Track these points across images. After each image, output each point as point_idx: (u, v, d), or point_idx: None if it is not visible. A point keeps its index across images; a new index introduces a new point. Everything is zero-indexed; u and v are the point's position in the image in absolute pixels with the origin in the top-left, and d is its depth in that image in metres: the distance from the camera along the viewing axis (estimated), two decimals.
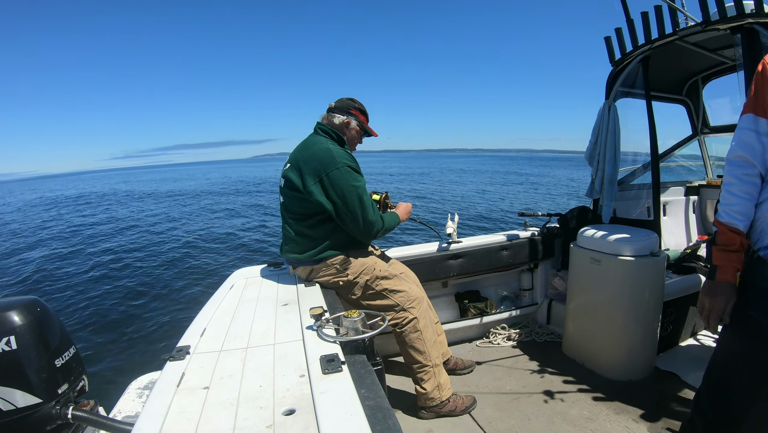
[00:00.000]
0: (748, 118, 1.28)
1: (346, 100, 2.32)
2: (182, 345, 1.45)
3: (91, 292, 8.38)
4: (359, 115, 2.32)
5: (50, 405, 1.58)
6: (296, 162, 2.13)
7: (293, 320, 1.64)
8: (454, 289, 3.34)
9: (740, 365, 1.36)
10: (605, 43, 2.97)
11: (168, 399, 1.11)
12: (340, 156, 2.07)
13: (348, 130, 2.30)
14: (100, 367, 5.30)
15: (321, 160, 2.05)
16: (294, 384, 1.14)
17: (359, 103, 2.34)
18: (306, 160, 2.09)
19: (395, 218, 2.35)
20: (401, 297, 2.20)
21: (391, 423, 0.97)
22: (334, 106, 2.30)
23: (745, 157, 1.29)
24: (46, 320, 1.64)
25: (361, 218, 2.07)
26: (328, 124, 2.27)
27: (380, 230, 2.18)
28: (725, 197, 1.33)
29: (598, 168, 3.00)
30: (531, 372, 2.74)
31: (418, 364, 2.22)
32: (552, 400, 2.41)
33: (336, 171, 2.02)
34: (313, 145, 2.15)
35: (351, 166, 2.09)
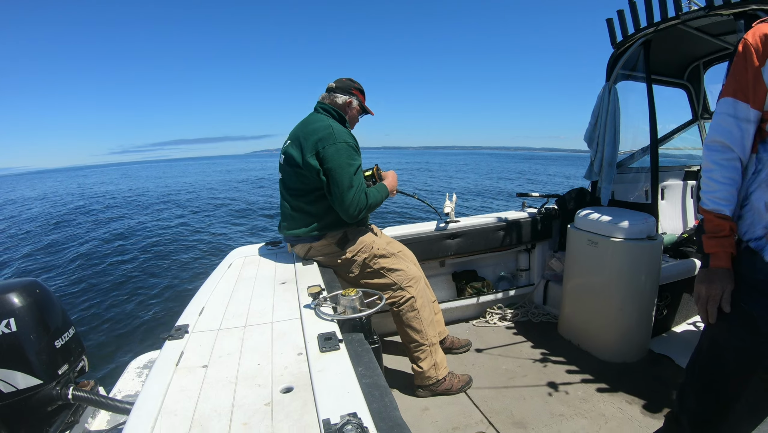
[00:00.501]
0: (726, 102, 1.25)
1: (346, 80, 2.33)
2: (181, 324, 1.46)
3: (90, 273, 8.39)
4: (359, 95, 2.35)
5: (51, 386, 1.59)
6: (296, 138, 2.14)
7: (291, 299, 1.65)
8: (451, 268, 3.36)
9: (729, 359, 1.33)
10: (607, 25, 2.94)
11: (167, 378, 1.12)
12: (340, 133, 2.08)
13: (350, 110, 2.32)
14: (100, 347, 5.33)
15: (320, 135, 2.06)
16: (292, 362, 1.15)
17: (358, 84, 2.36)
18: (306, 136, 2.10)
19: (383, 191, 2.30)
20: (399, 276, 2.21)
21: (388, 401, 0.98)
22: (335, 86, 2.31)
23: (724, 142, 1.26)
24: (46, 301, 1.64)
25: (346, 196, 2.03)
26: (330, 104, 2.28)
27: (364, 209, 2.12)
28: (707, 184, 1.30)
29: (597, 150, 2.99)
30: (527, 352, 2.76)
31: (415, 343, 2.24)
32: (547, 380, 2.44)
33: (333, 146, 2.03)
34: (314, 122, 2.16)
35: (349, 144, 2.09)
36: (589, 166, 3.12)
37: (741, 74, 1.21)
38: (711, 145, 1.30)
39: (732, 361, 1.32)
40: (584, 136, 3.10)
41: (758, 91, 1.19)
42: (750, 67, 1.19)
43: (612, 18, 2.89)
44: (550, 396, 2.29)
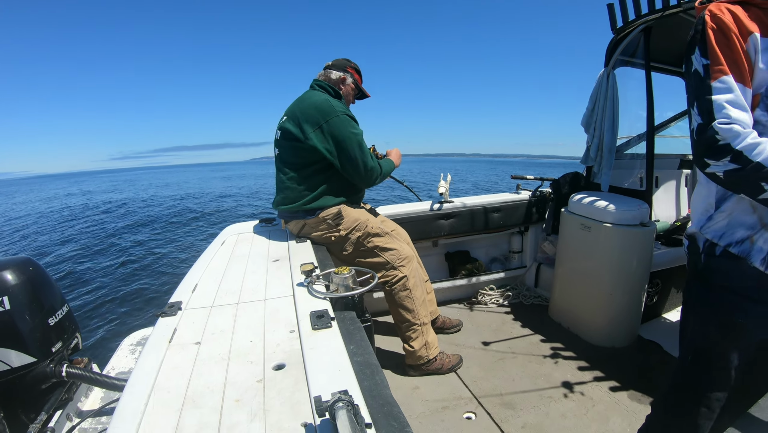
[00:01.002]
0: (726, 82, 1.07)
1: (342, 59, 2.37)
2: (174, 301, 1.46)
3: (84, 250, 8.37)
4: (354, 74, 2.37)
5: (45, 364, 1.60)
6: (293, 114, 2.14)
7: (284, 276, 1.65)
8: (444, 248, 3.37)
9: (722, 375, 1.24)
10: (608, 10, 2.90)
11: (160, 355, 1.12)
12: (338, 105, 2.11)
13: (344, 86, 2.33)
14: (94, 324, 5.35)
15: (320, 109, 2.08)
16: (284, 339, 1.16)
17: (354, 63, 2.39)
18: (303, 110, 2.11)
19: (391, 163, 2.40)
20: (392, 255, 2.22)
21: (379, 379, 0.99)
22: (331, 64, 2.35)
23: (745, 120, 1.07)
24: (39, 279, 1.64)
25: (362, 163, 2.11)
26: (324, 80, 2.30)
27: (379, 175, 2.23)
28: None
29: (594, 135, 2.98)
30: (517, 334, 2.79)
31: (407, 322, 2.26)
32: (536, 362, 2.47)
33: (336, 118, 2.06)
34: (311, 97, 2.17)
35: (349, 115, 2.13)
36: (585, 152, 3.11)
37: (726, 52, 1.09)
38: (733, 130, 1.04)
39: (727, 376, 1.24)
40: (581, 121, 3.09)
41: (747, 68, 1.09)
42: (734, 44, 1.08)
43: (613, 3, 2.86)
44: (539, 378, 2.32)
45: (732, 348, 1.21)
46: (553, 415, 2.04)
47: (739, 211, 1.16)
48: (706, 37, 1.11)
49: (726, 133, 1.04)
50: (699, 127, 1.10)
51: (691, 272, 1.30)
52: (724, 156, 1.05)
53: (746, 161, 1.02)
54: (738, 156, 1.03)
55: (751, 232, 1.14)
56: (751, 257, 1.14)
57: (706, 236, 1.22)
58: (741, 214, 1.16)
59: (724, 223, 1.19)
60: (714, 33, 1.10)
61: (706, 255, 1.23)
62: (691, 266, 1.31)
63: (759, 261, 1.13)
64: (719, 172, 1.08)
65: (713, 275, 1.21)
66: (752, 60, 1.09)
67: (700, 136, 1.09)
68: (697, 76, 1.12)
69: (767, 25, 1.09)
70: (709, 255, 1.22)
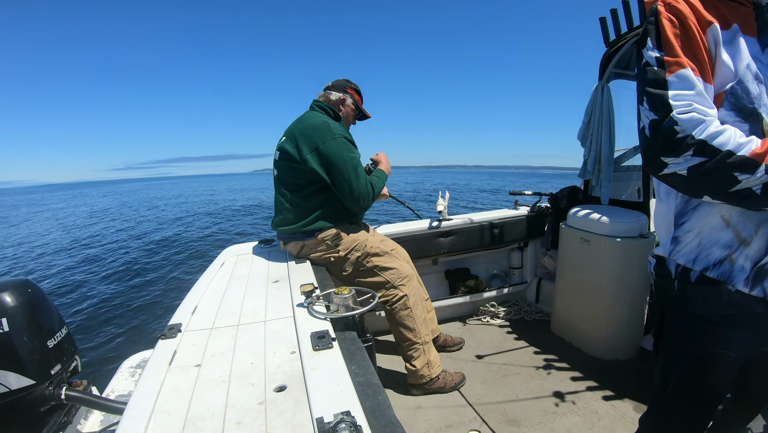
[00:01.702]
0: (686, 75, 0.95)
1: (342, 80, 2.38)
2: (174, 323, 1.45)
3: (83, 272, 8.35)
4: (354, 95, 2.38)
5: (44, 386, 1.58)
6: (291, 134, 2.15)
7: (284, 297, 1.65)
8: (444, 266, 3.37)
9: (704, 405, 1.15)
10: (600, 24, 2.95)
11: (160, 377, 1.11)
12: (336, 128, 2.11)
13: (344, 107, 2.34)
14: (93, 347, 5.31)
15: (317, 130, 2.08)
16: (285, 361, 1.15)
17: (355, 84, 2.40)
18: (302, 132, 2.12)
19: (382, 176, 2.37)
20: (392, 274, 2.22)
21: (381, 399, 0.98)
22: (331, 85, 2.36)
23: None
24: (38, 301, 1.63)
25: (356, 187, 2.10)
26: (324, 101, 2.32)
27: (372, 196, 2.21)
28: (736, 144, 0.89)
29: (591, 149, 3.00)
30: (519, 350, 2.78)
31: (408, 341, 2.24)
32: (540, 377, 2.45)
33: (332, 141, 2.06)
34: (310, 119, 2.18)
35: (347, 138, 2.13)
36: (582, 165, 3.13)
37: (685, 43, 0.95)
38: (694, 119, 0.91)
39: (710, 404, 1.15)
40: (577, 135, 3.11)
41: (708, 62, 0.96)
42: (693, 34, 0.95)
43: (605, 17, 2.90)
44: (544, 394, 2.30)
45: (714, 378, 1.10)
46: (558, 430, 2.02)
47: (710, 227, 1.02)
48: (660, 27, 0.97)
49: (686, 123, 0.90)
50: (652, 123, 0.95)
51: (663, 300, 1.16)
52: (685, 150, 0.90)
53: (713, 151, 0.88)
54: (702, 147, 0.89)
55: (728, 251, 1.00)
56: (733, 278, 1.00)
57: (677, 261, 1.08)
58: (713, 231, 1.02)
59: (694, 244, 1.05)
60: (670, 23, 0.96)
61: (680, 282, 1.08)
62: (661, 292, 1.16)
63: (742, 282, 0.99)
64: (681, 170, 0.92)
65: (689, 305, 1.08)
66: (712, 53, 0.96)
67: (655, 133, 0.94)
68: (649, 69, 0.98)
69: (726, 17, 0.97)
70: (683, 282, 1.08)
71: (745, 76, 0.94)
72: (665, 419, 1.22)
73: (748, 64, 0.94)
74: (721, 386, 1.12)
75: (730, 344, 1.05)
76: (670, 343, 1.16)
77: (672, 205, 1.09)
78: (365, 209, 2.25)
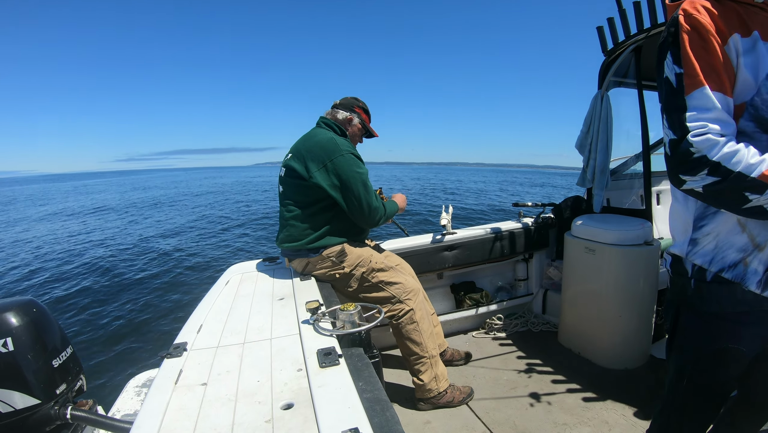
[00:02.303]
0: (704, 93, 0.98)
1: (350, 98, 2.40)
2: (179, 342, 1.45)
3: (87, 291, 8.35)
4: (362, 114, 2.39)
5: (49, 406, 1.58)
6: (298, 152, 2.16)
7: (289, 315, 1.64)
8: (449, 280, 3.36)
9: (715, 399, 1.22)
10: (597, 33, 2.97)
11: (166, 396, 1.11)
12: (343, 144, 2.12)
13: (350, 127, 2.36)
14: (98, 366, 5.29)
15: (325, 148, 2.09)
16: (292, 378, 1.15)
17: (363, 103, 2.41)
18: (309, 149, 2.13)
19: (394, 205, 2.40)
20: (397, 289, 2.21)
21: (389, 415, 0.98)
22: (339, 103, 2.38)
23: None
24: (43, 320, 1.64)
25: (366, 203, 2.11)
26: (331, 119, 2.33)
27: (383, 216, 2.23)
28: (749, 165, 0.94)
29: (590, 157, 3.00)
30: (527, 362, 2.75)
31: (415, 355, 2.23)
32: (549, 389, 2.43)
33: (341, 157, 2.07)
34: (316, 136, 2.19)
35: (354, 154, 2.14)
36: (581, 174, 3.13)
37: (703, 57, 0.97)
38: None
39: (720, 399, 1.22)
40: (576, 144, 3.12)
41: (728, 75, 0.98)
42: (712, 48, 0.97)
43: (602, 26, 2.92)
44: (553, 405, 2.28)
45: (725, 373, 1.17)
46: None
47: (726, 232, 1.07)
48: (679, 41, 1.00)
49: (700, 145, 0.95)
50: (671, 143, 1.02)
51: (679, 298, 1.22)
52: (700, 170, 0.96)
53: (725, 172, 0.94)
54: (716, 168, 0.94)
55: (743, 254, 1.05)
56: (746, 280, 1.05)
57: (694, 261, 1.13)
58: (729, 235, 1.07)
59: (711, 246, 1.10)
60: (689, 36, 0.98)
61: (696, 281, 1.13)
62: (677, 290, 1.22)
63: (755, 284, 1.05)
64: (698, 187, 0.99)
65: (704, 303, 1.13)
66: (733, 64, 0.98)
67: (674, 152, 1.01)
68: (669, 86, 1.03)
69: (746, 23, 0.98)
70: (699, 281, 1.13)
71: (765, 87, 0.97)
72: (679, 412, 1.27)
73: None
74: (732, 380, 1.19)
75: (742, 339, 1.11)
76: (684, 338, 1.22)
77: (691, 208, 1.13)
78: (374, 225, 2.25)
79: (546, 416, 2.20)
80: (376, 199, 2.18)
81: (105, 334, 6.26)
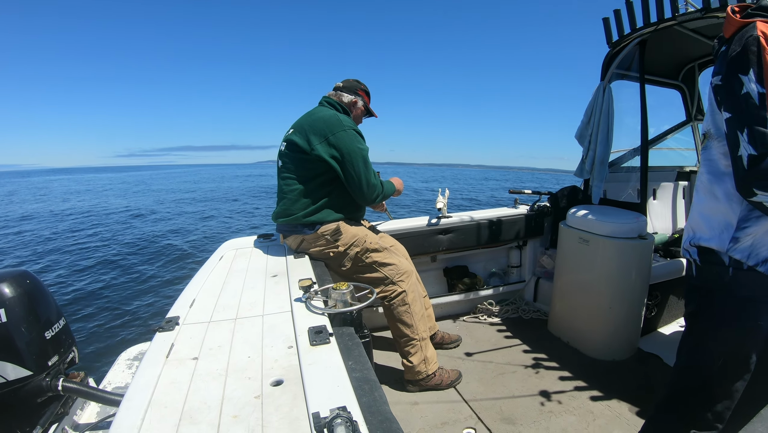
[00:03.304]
0: None
1: (352, 81, 2.41)
2: (171, 316, 1.46)
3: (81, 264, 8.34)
4: (364, 96, 2.43)
5: (41, 377, 1.59)
6: (300, 127, 2.17)
7: (282, 292, 1.65)
8: (442, 264, 3.37)
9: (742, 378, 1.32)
10: (603, 24, 2.94)
11: (157, 370, 1.11)
12: (346, 121, 2.14)
13: (355, 109, 2.38)
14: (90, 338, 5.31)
15: (327, 122, 2.11)
16: (282, 355, 1.16)
17: (364, 85, 2.44)
18: (312, 123, 2.14)
19: (392, 186, 2.41)
20: (391, 270, 2.22)
21: (378, 395, 0.99)
22: (342, 86, 2.39)
23: None
24: (36, 292, 1.64)
25: (365, 179, 2.12)
26: (336, 100, 2.34)
27: (380, 194, 2.24)
28: None
29: (589, 148, 3.00)
30: (516, 349, 2.78)
31: (406, 337, 2.25)
32: (536, 377, 2.46)
33: (343, 132, 2.08)
34: (320, 112, 2.20)
35: (356, 131, 2.15)
36: (579, 164, 3.13)
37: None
38: None
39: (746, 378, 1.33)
40: (575, 134, 3.11)
41: None
42: None
43: (608, 17, 2.90)
44: (539, 393, 2.30)
45: (754, 351, 1.29)
46: (553, 429, 2.02)
47: (762, 233, 1.20)
48: (763, 62, 1.09)
49: None
50: (751, 158, 1.10)
51: (713, 284, 1.32)
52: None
53: None
54: None
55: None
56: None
57: (733, 255, 1.25)
58: (764, 236, 1.20)
59: (749, 243, 1.22)
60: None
61: (734, 269, 1.26)
62: (712, 277, 1.32)
63: None
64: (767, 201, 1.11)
65: (740, 288, 1.26)
66: None
67: (754, 168, 1.10)
68: (750, 101, 1.11)
69: None
70: (736, 270, 1.26)
71: None
72: (715, 390, 1.36)
73: None
74: (756, 360, 1.30)
75: (765, 317, 1.25)
76: (720, 321, 1.33)
77: (736, 210, 1.24)
78: (372, 202, 2.27)
79: (532, 402, 2.23)
80: (375, 177, 2.18)
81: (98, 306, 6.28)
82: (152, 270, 7.88)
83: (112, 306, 6.26)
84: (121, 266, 8.09)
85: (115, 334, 5.41)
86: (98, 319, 5.86)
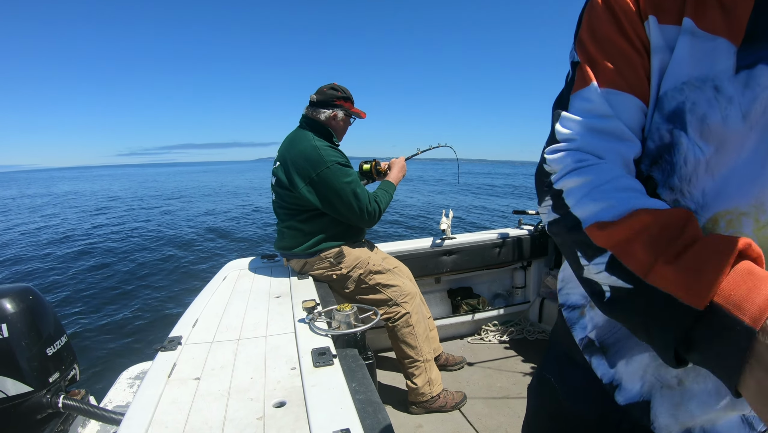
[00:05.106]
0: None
1: (327, 90, 2.24)
2: (174, 335, 1.45)
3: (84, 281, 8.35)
4: (344, 104, 2.26)
5: (41, 394, 1.58)
6: (284, 160, 2.15)
7: (285, 313, 1.64)
8: (446, 285, 3.35)
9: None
10: None
11: (159, 389, 1.11)
12: (328, 154, 2.08)
13: (335, 123, 2.27)
14: (92, 356, 5.28)
15: (309, 159, 2.06)
16: (285, 377, 1.15)
17: (341, 90, 2.27)
18: (294, 160, 2.11)
19: (390, 188, 2.33)
20: (394, 292, 2.21)
21: (381, 417, 0.98)
22: (316, 100, 2.23)
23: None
24: (39, 308, 1.64)
25: (358, 210, 2.10)
26: (313, 119, 2.25)
27: (379, 212, 2.20)
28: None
29: None
30: (522, 370, 2.75)
31: (410, 359, 2.23)
32: None
33: (326, 170, 2.04)
34: (300, 143, 2.15)
35: (340, 163, 2.10)
36: None
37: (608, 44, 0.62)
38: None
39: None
40: None
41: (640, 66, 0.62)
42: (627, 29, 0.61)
43: None
44: None
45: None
46: None
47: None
48: (580, 21, 0.67)
49: (553, 163, 0.62)
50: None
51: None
52: (542, 198, 0.64)
53: (564, 210, 0.58)
54: (557, 200, 0.60)
55: (584, 301, 0.76)
56: (574, 329, 0.77)
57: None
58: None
59: (568, 272, 0.83)
60: (597, 15, 0.63)
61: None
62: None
63: (578, 339, 0.76)
64: (545, 223, 0.65)
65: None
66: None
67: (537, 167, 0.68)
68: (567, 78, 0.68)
69: (663, 8, 0.59)
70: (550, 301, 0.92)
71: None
72: None
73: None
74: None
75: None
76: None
77: None
78: (374, 223, 2.24)
79: None
80: (371, 201, 2.15)
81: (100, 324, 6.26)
82: (154, 289, 7.87)
83: (114, 324, 6.23)
84: (123, 284, 8.08)
85: (116, 352, 5.38)
86: (100, 336, 5.83)
